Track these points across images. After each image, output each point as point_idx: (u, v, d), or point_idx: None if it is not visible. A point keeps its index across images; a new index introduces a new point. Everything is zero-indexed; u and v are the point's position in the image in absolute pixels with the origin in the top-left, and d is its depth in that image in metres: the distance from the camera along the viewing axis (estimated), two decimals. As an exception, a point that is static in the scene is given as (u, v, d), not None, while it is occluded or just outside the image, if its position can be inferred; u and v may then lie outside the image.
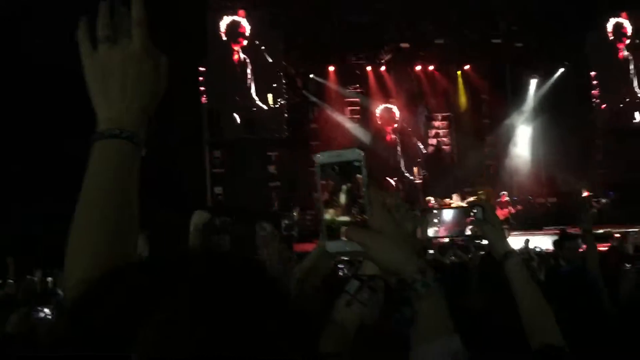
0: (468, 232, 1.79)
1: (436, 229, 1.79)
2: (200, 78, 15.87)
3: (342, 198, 0.98)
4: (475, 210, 1.74)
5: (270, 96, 16.49)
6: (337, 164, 0.98)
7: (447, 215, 1.80)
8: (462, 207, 2.07)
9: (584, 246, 4.36)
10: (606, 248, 7.71)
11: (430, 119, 19.58)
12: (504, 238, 1.74)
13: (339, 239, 0.98)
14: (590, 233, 3.82)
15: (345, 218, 0.98)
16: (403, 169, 19.31)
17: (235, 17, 16.40)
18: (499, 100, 19.03)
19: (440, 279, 1.02)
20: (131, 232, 0.96)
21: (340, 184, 0.98)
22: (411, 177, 19.01)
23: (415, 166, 19.36)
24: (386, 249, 0.98)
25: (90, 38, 0.99)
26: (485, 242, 1.89)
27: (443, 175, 18.16)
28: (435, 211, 1.97)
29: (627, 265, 5.94)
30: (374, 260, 1.04)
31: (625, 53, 18.42)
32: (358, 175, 0.97)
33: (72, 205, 0.97)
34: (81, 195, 0.96)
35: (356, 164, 0.97)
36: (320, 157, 0.99)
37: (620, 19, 18.37)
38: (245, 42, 16.46)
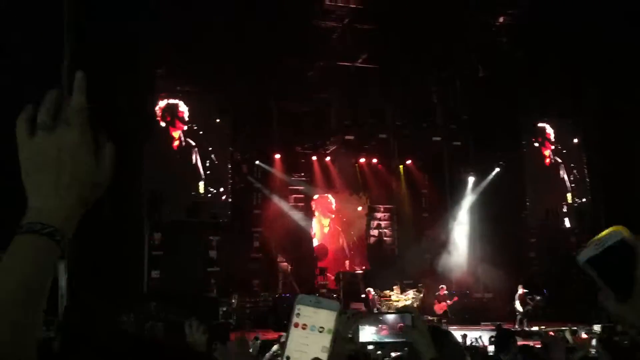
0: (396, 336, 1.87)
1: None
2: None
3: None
4: (405, 317, 1.86)
5: (201, 184, 16.54)
6: (315, 311, 1.00)
7: (379, 319, 1.89)
8: (393, 312, 2.19)
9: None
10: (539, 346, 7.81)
11: (372, 210, 19.93)
12: (431, 345, 1.86)
13: None
14: None
15: None
16: (347, 255, 19.40)
17: (174, 101, 16.59)
18: (438, 195, 19.69)
19: None
20: (29, 336, 0.87)
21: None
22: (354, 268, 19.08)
23: (355, 257, 19.48)
24: None
25: (31, 124, 0.94)
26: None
27: (384, 266, 18.28)
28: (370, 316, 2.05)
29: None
30: None
31: (553, 159, 19.60)
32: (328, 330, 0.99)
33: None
34: None
35: (331, 314, 1.00)
36: (301, 299, 1.02)
37: (545, 125, 19.72)
38: (185, 127, 16.61)
